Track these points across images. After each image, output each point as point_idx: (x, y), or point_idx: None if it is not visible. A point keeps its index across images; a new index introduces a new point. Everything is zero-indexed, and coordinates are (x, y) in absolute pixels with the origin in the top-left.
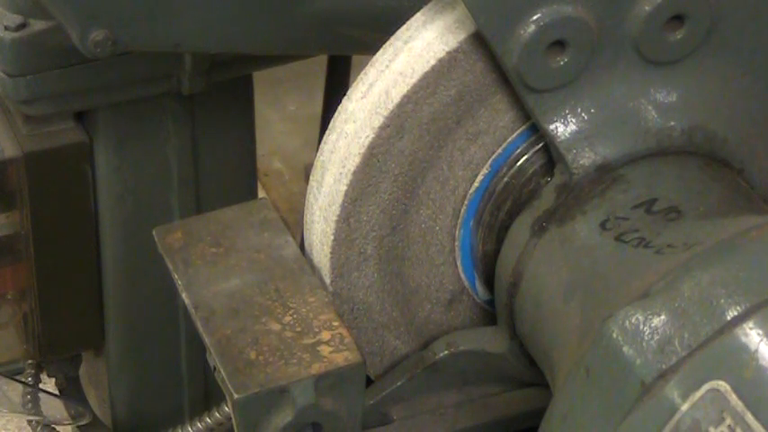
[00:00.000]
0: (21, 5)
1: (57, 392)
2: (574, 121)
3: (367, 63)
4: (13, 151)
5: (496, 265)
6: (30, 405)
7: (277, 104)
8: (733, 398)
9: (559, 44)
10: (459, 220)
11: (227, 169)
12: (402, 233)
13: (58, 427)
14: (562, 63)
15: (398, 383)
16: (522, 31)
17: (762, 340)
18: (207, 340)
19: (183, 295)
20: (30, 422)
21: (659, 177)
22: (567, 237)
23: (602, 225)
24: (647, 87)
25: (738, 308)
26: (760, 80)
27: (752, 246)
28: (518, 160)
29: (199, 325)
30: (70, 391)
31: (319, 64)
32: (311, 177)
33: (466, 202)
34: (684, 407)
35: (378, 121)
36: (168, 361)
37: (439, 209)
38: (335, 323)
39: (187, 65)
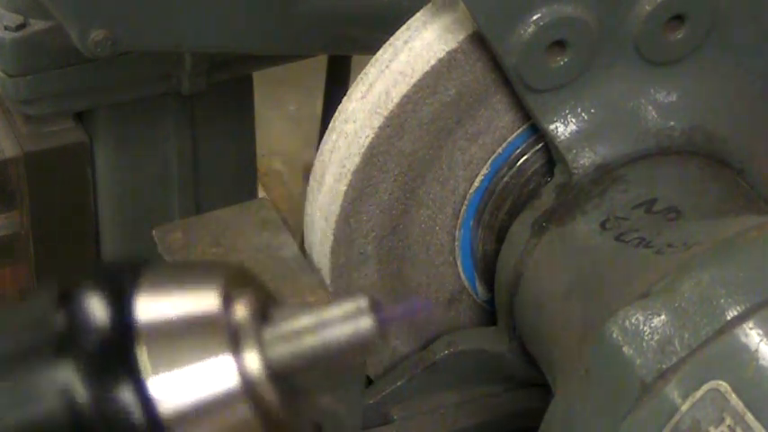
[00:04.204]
0: (21, 5)
1: None
2: (574, 121)
3: (367, 63)
4: (13, 151)
5: (496, 265)
6: None
7: (277, 104)
8: (733, 398)
9: (559, 44)
10: (459, 220)
11: (227, 169)
12: (402, 233)
13: None
14: (562, 63)
15: (398, 383)
16: (522, 31)
17: (762, 340)
18: None
19: None
20: None
21: (659, 177)
22: (567, 237)
23: (603, 225)
24: (647, 87)
25: (738, 308)
26: (760, 80)
27: (752, 246)
28: (518, 160)
29: None
30: None
31: (319, 64)
32: (311, 177)
33: (466, 202)
34: (684, 407)
35: (378, 121)
36: None
37: (439, 209)
38: None
39: (187, 65)
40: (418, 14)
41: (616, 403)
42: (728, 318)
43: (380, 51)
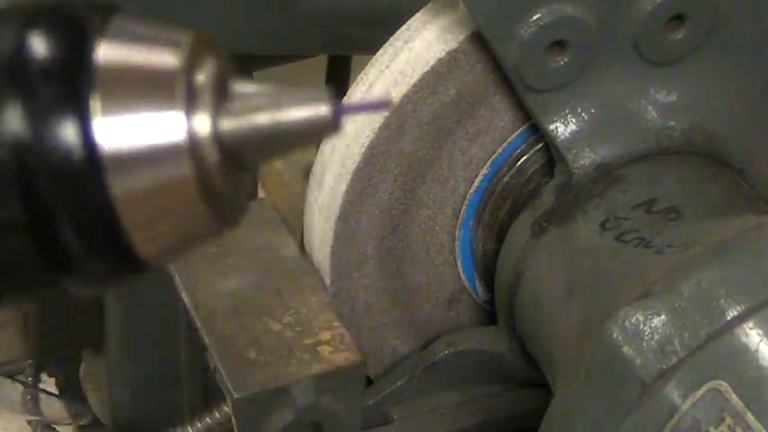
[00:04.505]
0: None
1: (57, 392)
2: (574, 121)
3: (367, 63)
4: None
5: (496, 265)
6: (30, 405)
7: None
8: (733, 398)
9: (559, 44)
10: (459, 220)
11: None
12: (402, 233)
13: (57, 427)
14: (562, 63)
15: (398, 383)
16: (522, 31)
17: (762, 340)
18: (207, 340)
19: (183, 295)
20: (30, 422)
21: (659, 177)
22: (567, 237)
23: (603, 225)
24: (647, 87)
25: (738, 308)
26: (760, 80)
27: (752, 246)
28: (518, 160)
29: (199, 325)
30: (70, 391)
31: (319, 64)
32: (311, 177)
33: (466, 202)
34: (684, 407)
35: (378, 121)
36: (168, 361)
37: (439, 209)
38: (335, 323)
39: None
40: (418, 14)
41: (616, 403)
42: (728, 318)
43: (380, 51)
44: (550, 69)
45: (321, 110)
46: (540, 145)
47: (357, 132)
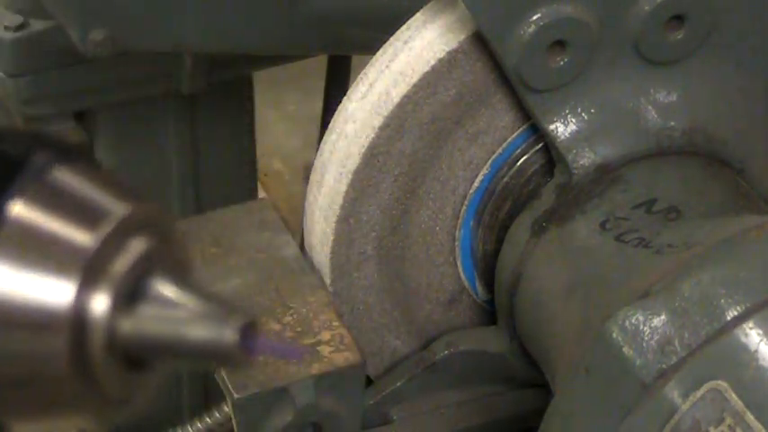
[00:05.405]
0: (21, 5)
1: None
2: (574, 121)
3: (367, 63)
4: None
5: (496, 265)
6: None
7: (277, 104)
8: (733, 398)
9: (559, 44)
10: (460, 220)
11: (227, 169)
12: (402, 233)
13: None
14: (562, 63)
15: (398, 383)
16: (521, 31)
17: (762, 340)
18: None
19: None
20: None
21: (659, 177)
22: (567, 237)
23: (602, 225)
24: (647, 87)
25: (738, 308)
26: (760, 80)
27: (752, 246)
28: (518, 160)
29: None
30: None
31: (319, 64)
32: (311, 177)
33: (466, 202)
34: (684, 407)
35: (378, 121)
36: None
37: (439, 209)
38: (335, 323)
39: (187, 65)
40: (418, 14)
41: (616, 403)
42: (728, 318)
43: (380, 51)
44: (550, 69)
45: (225, 336)
46: (540, 145)
47: (357, 132)
